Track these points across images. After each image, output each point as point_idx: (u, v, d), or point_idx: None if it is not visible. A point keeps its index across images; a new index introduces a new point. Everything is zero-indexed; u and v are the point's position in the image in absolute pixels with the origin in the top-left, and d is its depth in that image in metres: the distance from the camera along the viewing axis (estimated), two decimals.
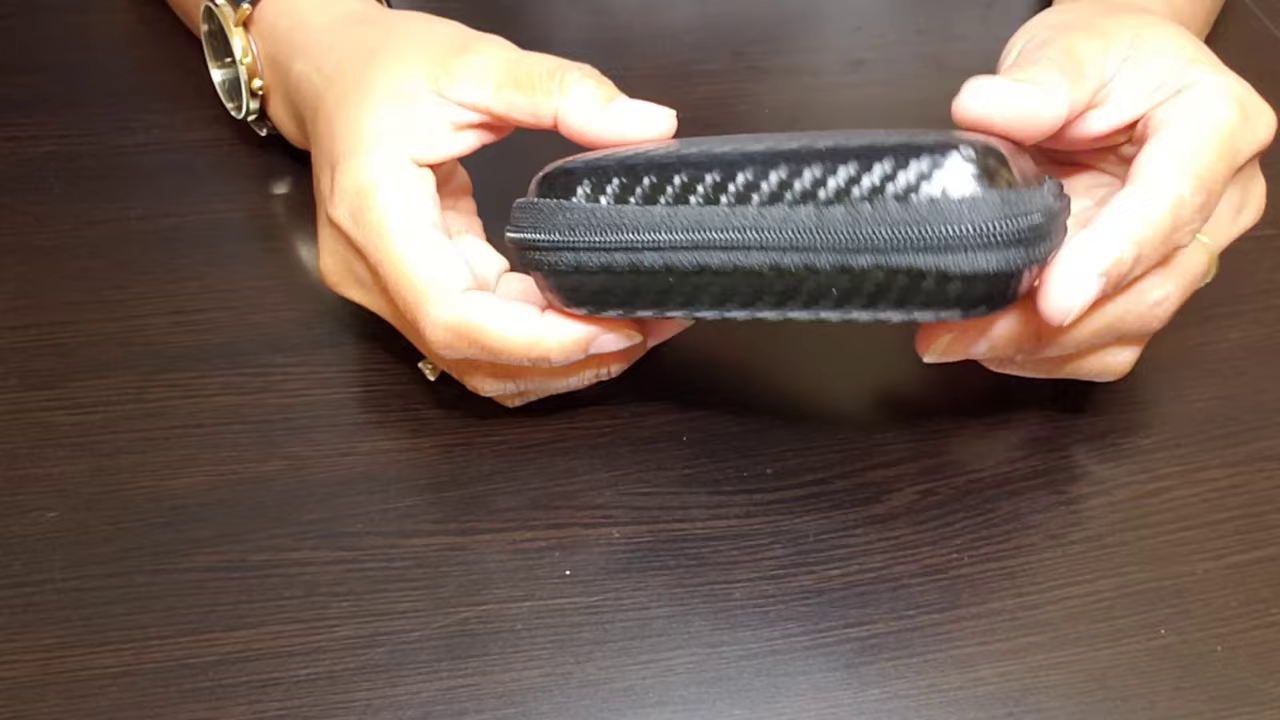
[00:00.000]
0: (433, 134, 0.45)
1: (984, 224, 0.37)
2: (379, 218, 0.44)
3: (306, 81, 0.50)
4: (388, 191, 0.44)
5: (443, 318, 0.43)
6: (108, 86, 0.61)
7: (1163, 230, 0.42)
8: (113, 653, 0.42)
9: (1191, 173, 0.42)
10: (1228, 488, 0.47)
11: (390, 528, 0.45)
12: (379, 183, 0.44)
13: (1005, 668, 0.43)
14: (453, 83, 0.45)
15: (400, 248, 0.43)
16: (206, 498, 0.46)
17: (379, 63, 0.47)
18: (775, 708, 0.42)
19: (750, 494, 0.47)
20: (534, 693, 0.42)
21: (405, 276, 0.43)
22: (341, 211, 0.45)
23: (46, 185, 0.56)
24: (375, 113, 0.45)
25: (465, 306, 0.43)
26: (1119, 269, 0.41)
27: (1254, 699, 0.42)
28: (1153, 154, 0.43)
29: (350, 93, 0.47)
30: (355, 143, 0.45)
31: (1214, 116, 0.43)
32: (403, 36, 0.48)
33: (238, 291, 0.52)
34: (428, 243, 0.44)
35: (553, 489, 0.47)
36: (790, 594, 0.44)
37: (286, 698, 0.41)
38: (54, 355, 0.50)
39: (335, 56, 0.49)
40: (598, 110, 0.44)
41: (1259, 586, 0.45)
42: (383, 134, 0.45)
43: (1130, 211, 0.42)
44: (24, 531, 0.45)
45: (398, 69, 0.46)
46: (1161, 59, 0.45)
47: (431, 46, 0.46)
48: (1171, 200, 0.42)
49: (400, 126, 0.45)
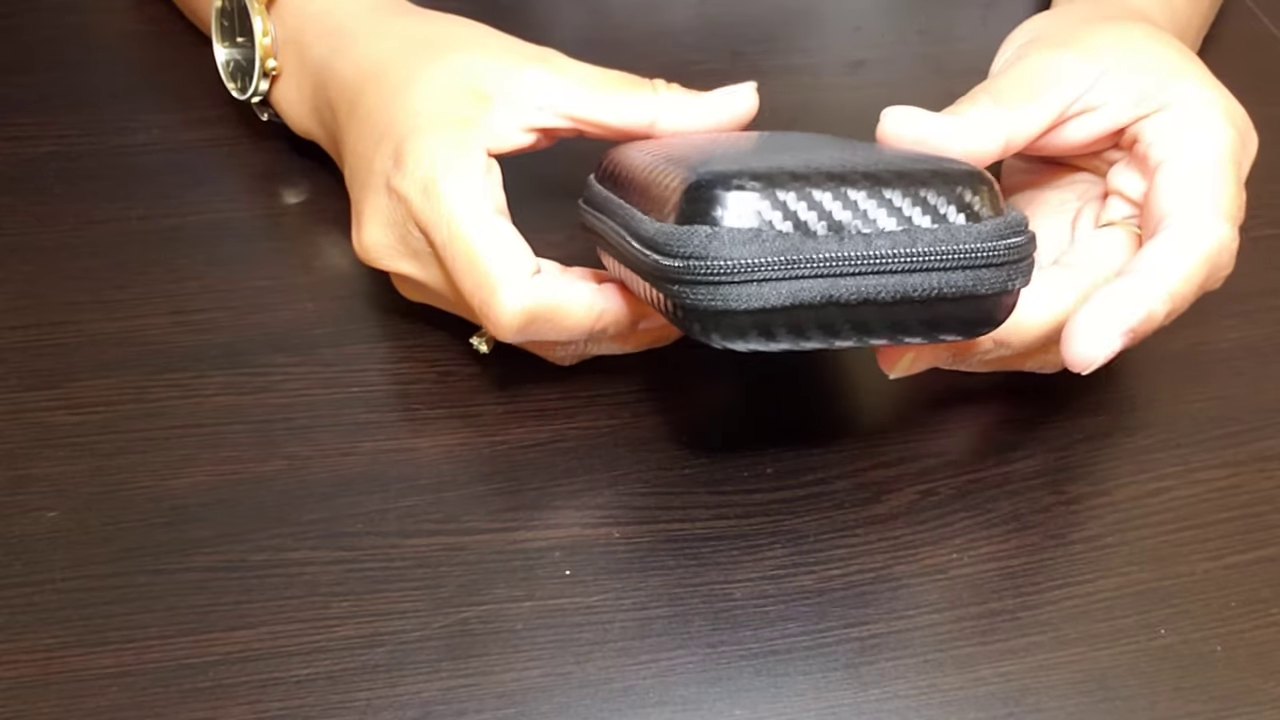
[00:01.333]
0: (505, 130, 0.46)
1: (995, 244, 0.38)
2: (455, 199, 0.44)
3: (341, 73, 0.50)
4: (463, 174, 0.45)
5: (517, 305, 0.44)
6: (109, 86, 0.61)
7: (1198, 281, 0.43)
8: (113, 653, 0.42)
9: (1224, 214, 0.43)
10: (1228, 488, 0.47)
11: (390, 528, 0.45)
12: (455, 164, 0.45)
13: (1005, 668, 0.43)
14: (538, 85, 0.46)
15: (472, 232, 0.44)
16: (207, 498, 0.46)
17: (443, 54, 0.47)
18: (775, 708, 0.42)
19: (750, 494, 0.47)
20: (534, 693, 0.42)
21: (477, 263, 0.44)
22: (409, 184, 0.45)
23: (47, 185, 0.56)
24: (448, 99, 0.46)
25: (534, 292, 0.44)
26: (1148, 325, 0.42)
27: (1254, 699, 0.42)
28: (1180, 195, 0.43)
29: (417, 77, 0.47)
30: (429, 121, 0.46)
31: (1222, 147, 0.44)
32: (462, 33, 0.49)
33: (238, 291, 0.52)
34: (498, 230, 0.44)
35: (553, 489, 0.47)
36: (790, 594, 0.44)
37: (287, 698, 0.41)
38: (54, 355, 0.50)
39: (379, 47, 0.49)
40: (692, 103, 0.47)
41: (1259, 586, 0.45)
42: (456, 120, 0.46)
43: (1166, 263, 0.43)
44: (24, 531, 0.45)
45: (470, 63, 0.47)
46: (1144, 70, 0.45)
47: (498, 48, 0.48)
48: (1212, 248, 0.43)
49: (477, 116, 0.46)
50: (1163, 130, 0.45)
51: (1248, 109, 0.48)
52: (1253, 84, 0.57)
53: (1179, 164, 0.44)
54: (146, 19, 0.65)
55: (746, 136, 0.46)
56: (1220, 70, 0.50)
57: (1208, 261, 0.43)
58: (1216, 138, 0.44)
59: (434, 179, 0.45)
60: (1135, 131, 0.45)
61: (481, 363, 0.50)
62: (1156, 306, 0.42)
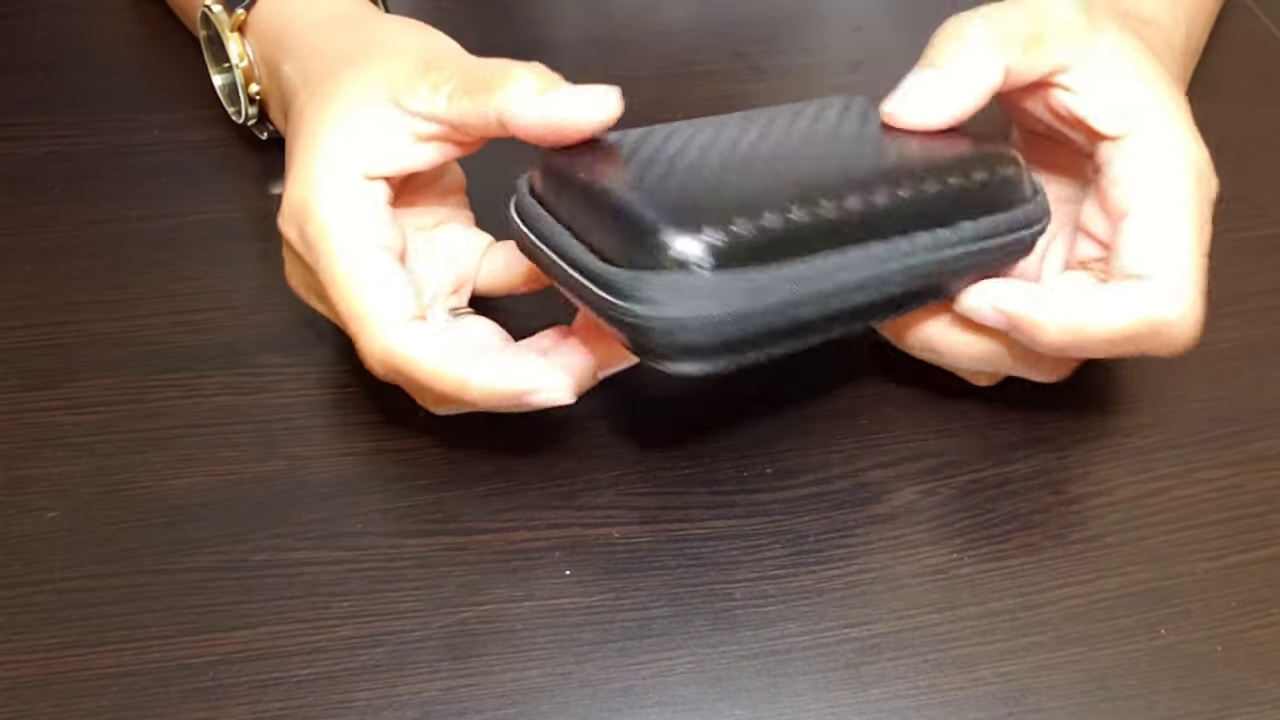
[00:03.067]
0: (390, 146, 0.44)
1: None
2: (323, 236, 0.43)
3: (288, 84, 0.50)
4: (330, 208, 0.43)
5: (377, 349, 0.42)
6: (108, 87, 0.61)
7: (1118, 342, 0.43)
8: (113, 653, 0.42)
9: (1182, 293, 0.43)
10: (1228, 487, 0.47)
11: (390, 528, 0.46)
12: (322, 199, 0.43)
13: (1005, 668, 0.43)
14: (412, 94, 0.44)
15: (343, 270, 0.43)
16: (206, 498, 0.46)
17: (350, 71, 0.46)
18: (775, 708, 0.42)
19: (750, 494, 0.47)
20: (534, 692, 0.42)
21: (346, 301, 0.43)
22: (288, 225, 0.44)
23: (47, 185, 0.56)
24: (331, 123, 0.44)
25: (399, 342, 0.42)
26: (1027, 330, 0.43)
27: (1254, 698, 0.42)
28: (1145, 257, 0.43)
29: (315, 101, 0.46)
30: (305, 154, 0.44)
31: (1186, 202, 0.43)
32: (380, 46, 0.47)
33: (238, 292, 0.52)
34: (370, 266, 0.43)
35: (553, 489, 0.47)
36: (790, 594, 0.44)
37: (287, 698, 0.41)
38: (54, 355, 0.50)
39: (316, 61, 0.48)
40: (535, 100, 0.42)
41: (1259, 586, 0.45)
42: (332, 146, 0.44)
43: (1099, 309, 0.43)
44: (24, 531, 0.45)
45: (364, 77, 0.45)
46: (1128, 82, 0.45)
47: (402, 57, 0.45)
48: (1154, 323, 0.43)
49: (353, 139, 0.44)
50: (1128, 169, 0.44)
51: (1248, 109, 0.48)
52: (1253, 84, 0.57)
53: (1145, 220, 0.43)
54: (146, 19, 0.65)
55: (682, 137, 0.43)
56: (1220, 70, 0.50)
57: (1142, 330, 0.43)
58: (1180, 192, 0.44)
59: (304, 219, 0.43)
60: (1103, 158, 0.45)
61: None
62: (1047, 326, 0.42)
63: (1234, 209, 0.54)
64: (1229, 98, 0.62)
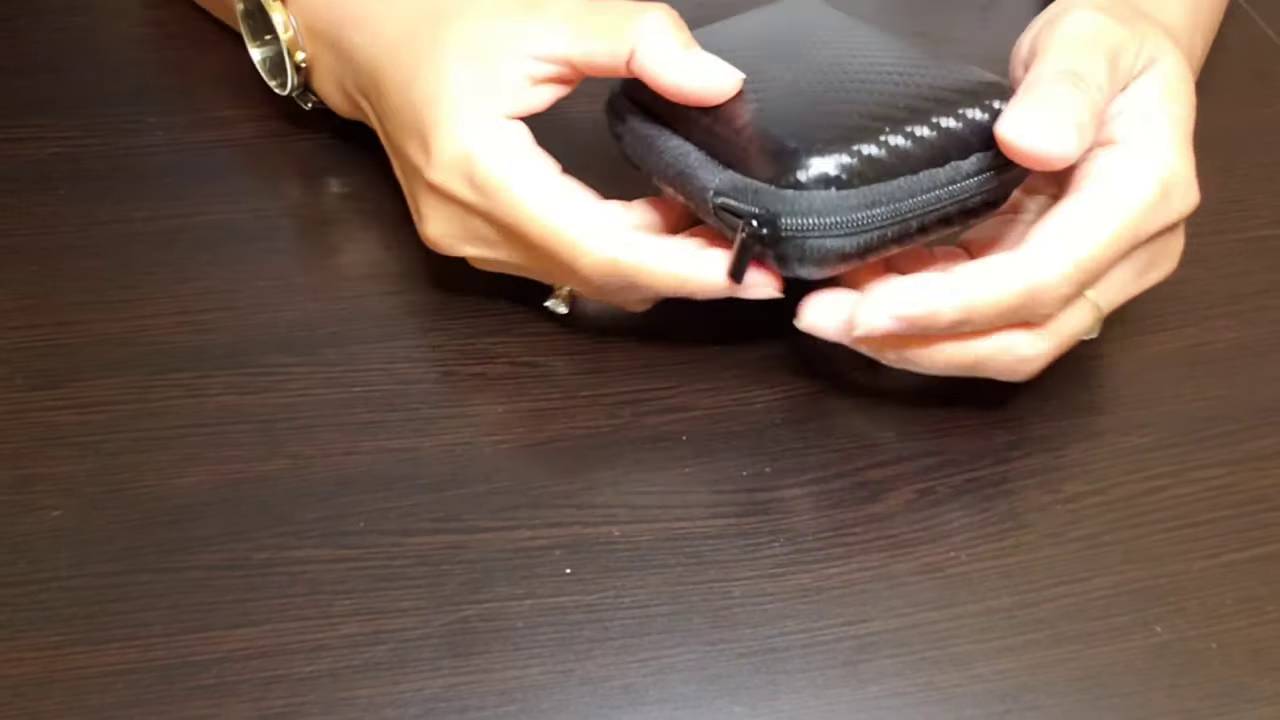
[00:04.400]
0: (517, 89, 0.46)
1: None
2: (503, 178, 0.45)
3: (361, 53, 0.50)
4: (499, 151, 0.45)
5: (601, 261, 0.45)
6: (113, 88, 0.61)
7: (1005, 309, 0.43)
8: (117, 650, 0.42)
9: (1073, 263, 0.43)
10: (1223, 486, 0.48)
11: (392, 526, 0.46)
12: (486, 145, 0.45)
13: (1002, 665, 0.43)
14: (528, 36, 0.46)
15: (540, 202, 0.45)
16: (210, 496, 0.46)
17: (447, 24, 0.47)
18: (774, 705, 0.42)
19: (750, 493, 0.47)
20: (535, 690, 0.42)
21: (552, 230, 0.45)
22: (448, 177, 0.46)
23: (52, 186, 0.57)
24: (456, 75, 0.46)
25: (624, 249, 0.45)
26: (931, 322, 0.43)
27: (1249, 695, 0.42)
28: (1047, 229, 0.43)
29: (424, 58, 0.47)
30: (445, 108, 0.46)
31: (1128, 201, 0.44)
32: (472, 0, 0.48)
33: (241, 292, 0.53)
34: (565, 193, 0.45)
35: (553, 489, 0.47)
36: (789, 592, 0.44)
37: (289, 695, 0.42)
38: (59, 355, 0.50)
39: (392, 25, 0.49)
40: (674, 57, 0.45)
41: (1254, 584, 0.45)
42: (470, 96, 0.46)
43: (983, 278, 0.43)
44: (29, 530, 0.45)
45: (470, 28, 0.47)
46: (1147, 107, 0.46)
47: (504, 4, 0.47)
48: (1027, 287, 0.43)
49: (485, 86, 0.46)
50: (1096, 173, 0.45)
51: (1242, 110, 0.48)
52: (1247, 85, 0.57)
53: (1073, 207, 0.44)
54: (150, 21, 0.66)
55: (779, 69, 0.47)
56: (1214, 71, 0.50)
57: (1023, 298, 0.43)
58: (1128, 197, 0.44)
59: (471, 169, 0.45)
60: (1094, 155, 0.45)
61: (482, 363, 0.50)
62: (945, 312, 0.43)
63: (1228, 210, 0.55)
64: (1223, 99, 0.62)
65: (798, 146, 0.43)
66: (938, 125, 0.44)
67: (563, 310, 0.50)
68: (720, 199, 0.44)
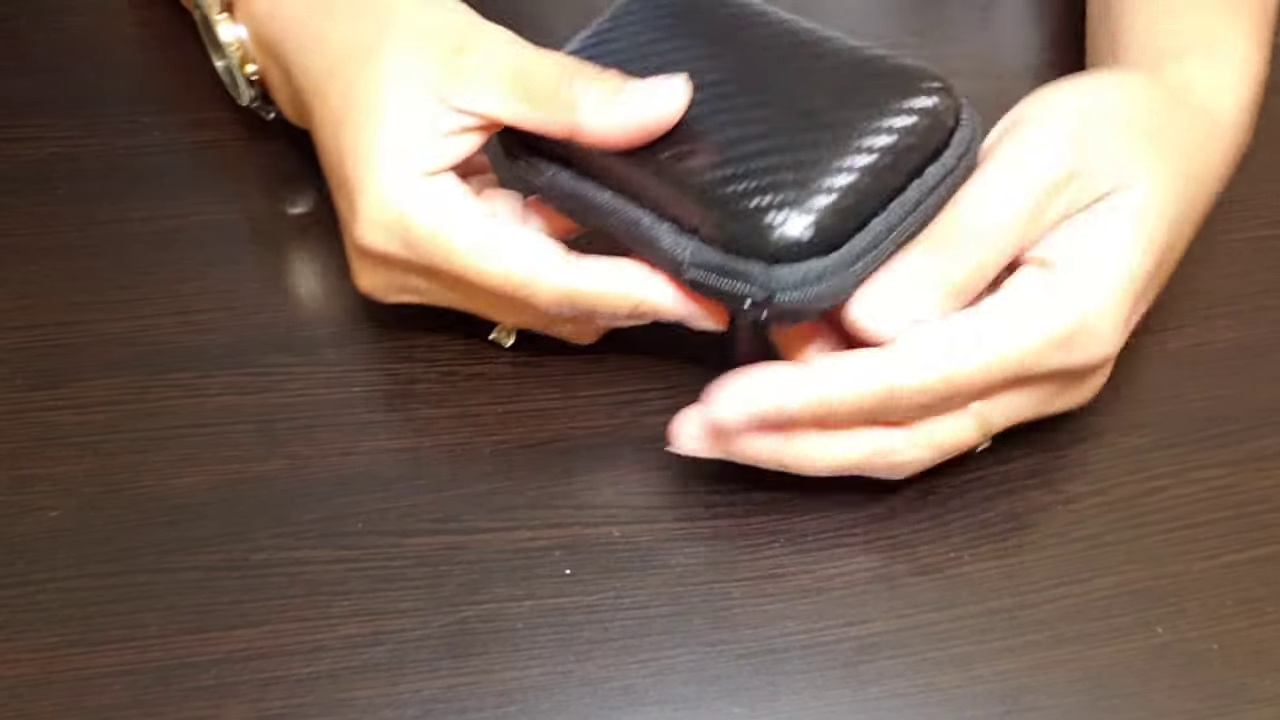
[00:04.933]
0: (442, 143, 0.45)
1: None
2: (440, 238, 0.44)
3: (299, 77, 0.49)
4: (430, 212, 0.44)
5: (555, 292, 0.44)
6: (111, 88, 0.61)
7: (862, 409, 0.42)
8: (115, 651, 0.42)
9: (939, 377, 0.41)
10: (1224, 487, 0.47)
11: (391, 527, 0.46)
12: (416, 204, 0.44)
13: (1003, 666, 0.43)
14: (457, 90, 0.44)
15: (482, 258, 0.44)
16: (208, 497, 0.46)
17: (376, 66, 0.45)
18: (774, 706, 0.42)
19: (749, 493, 0.47)
20: (534, 691, 0.42)
21: (501, 274, 0.44)
22: (379, 238, 0.45)
23: (50, 187, 0.57)
24: (384, 130, 0.44)
25: (570, 278, 0.44)
26: (776, 418, 0.42)
27: (1249, 696, 0.42)
28: (932, 334, 0.41)
29: (352, 104, 0.45)
30: (371, 168, 0.44)
31: (1025, 335, 0.42)
32: (398, 33, 0.46)
33: (240, 292, 0.53)
34: (503, 238, 0.44)
35: (553, 489, 0.47)
36: (789, 593, 0.44)
37: (288, 696, 0.42)
38: (57, 355, 0.50)
39: (324, 56, 0.48)
40: (610, 109, 0.43)
41: (1255, 585, 0.45)
42: (396, 154, 0.44)
43: (834, 376, 0.41)
44: (27, 530, 0.45)
45: (398, 74, 0.45)
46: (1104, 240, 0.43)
47: (430, 45, 0.45)
48: (880, 389, 0.41)
49: (410, 142, 0.44)
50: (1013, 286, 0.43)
51: None
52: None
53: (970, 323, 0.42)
54: (148, 22, 0.66)
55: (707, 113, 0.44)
56: None
57: (880, 398, 0.41)
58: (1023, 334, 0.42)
59: (406, 230, 0.44)
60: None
61: (482, 363, 0.50)
62: (794, 408, 0.41)
63: (1229, 210, 0.54)
64: None
65: (775, 219, 0.41)
66: (890, 149, 0.42)
67: (508, 343, 0.50)
68: (695, 272, 0.43)
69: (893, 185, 0.42)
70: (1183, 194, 0.45)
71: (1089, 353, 0.43)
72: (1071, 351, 0.42)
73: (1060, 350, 0.42)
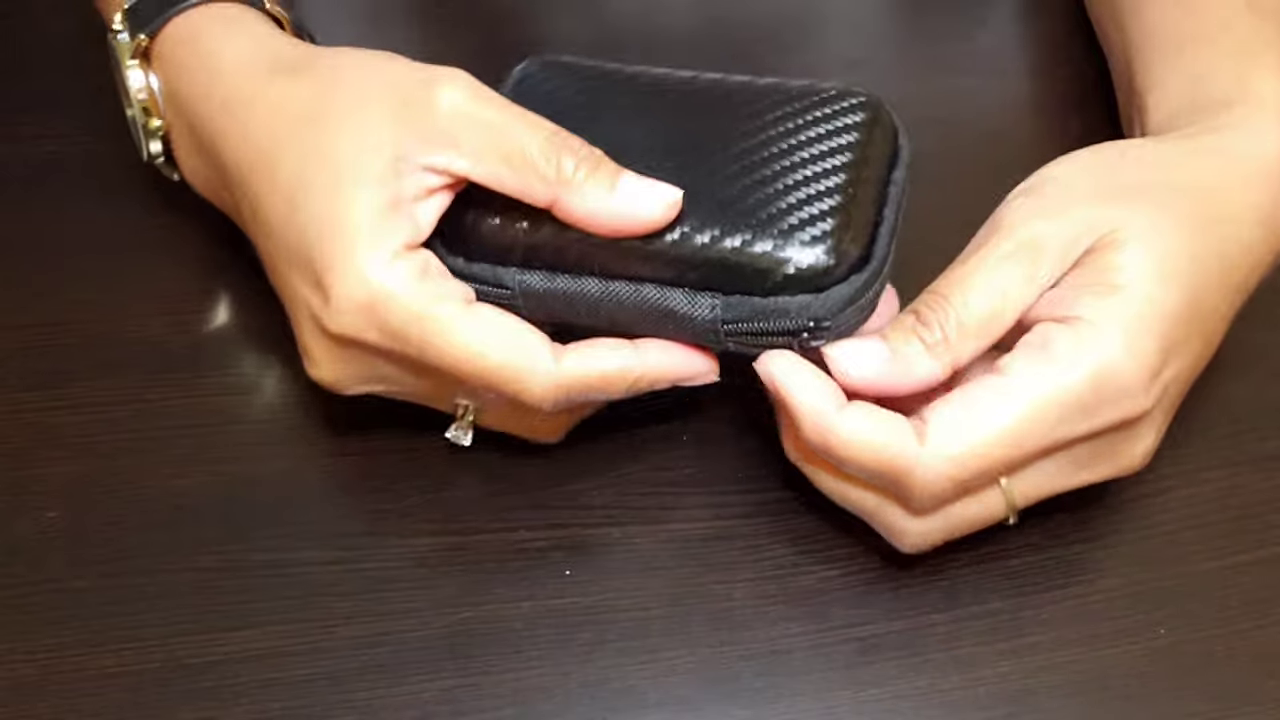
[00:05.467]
0: (415, 209, 0.41)
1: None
2: (420, 320, 0.40)
3: (229, 150, 0.45)
4: (410, 292, 0.40)
5: (551, 384, 0.41)
6: (109, 87, 0.61)
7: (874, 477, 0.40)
8: (113, 653, 0.42)
9: (946, 457, 0.39)
10: (1229, 488, 0.47)
11: (391, 528, 0.46)
12: (396, 288, 0.40)
13: (1006, 668, 0.43)
14: (424, 147, 0.41)
15: (467, 338, 0.40)
16: (207, 498, 0.46)
17: (331, 134, 0.42)
18: (775, 708, 0.42)
19: (750, 494, 0.47)
20: (534, 692, 0.42)
21: (488, 363, 0.41)
22: (353, 324, 0.41)
23: (48, 186, 0.56)
24: (355, 201, 0.41)
25: (568, 367, 0.41)
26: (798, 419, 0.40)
27: (1254, 699, 0.42)
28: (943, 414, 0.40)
29: (310, 174, 0.42)
30: (343, 243, 0.40)
31: (1037, 401, 0.39)
32: (347, 97, 0.43)
33: (238, 292, 0.52)
34: (489, 322, 0.41)
35: (553, 489, 0.47)
36: (791, 594, 0.44)
37: (287, 698, 0.41)
38: (55, 356, 0.50)
39: (262, 125, 0.44)
40: (603, 203, 0.40)
41: (1259, 587, 0.45)
42: (371, 230, 0.40)
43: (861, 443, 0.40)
44: (24, 532, 0.45)
45: (359, 142, 0.41)
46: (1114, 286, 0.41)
47: (387, 107, 0.42)
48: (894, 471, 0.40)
49: (385, 216, 0.41)
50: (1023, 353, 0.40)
51: None
52: None
53: (982, 394, 0.40)
54: None
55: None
56: None
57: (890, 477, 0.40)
58: (1045, 394, 0.39)
59: (385, 312, 0.40)
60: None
61: None
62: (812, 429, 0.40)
63: None
64: None
65: (797, 250, 0.40)
66: (855, 166, 0.42)
67: (466, 442, 0.45)
68: (729, 326, 0.41)
69: (879, 195, 0.42)
70: (1199, 234, 0.42)
71: (1119, 408, 0.40)
72: (1101, 407, 0.40)
73: (1089, 409, 0.40)
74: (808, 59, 0.64)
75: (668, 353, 0.42)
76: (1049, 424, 0.39)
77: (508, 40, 0.61)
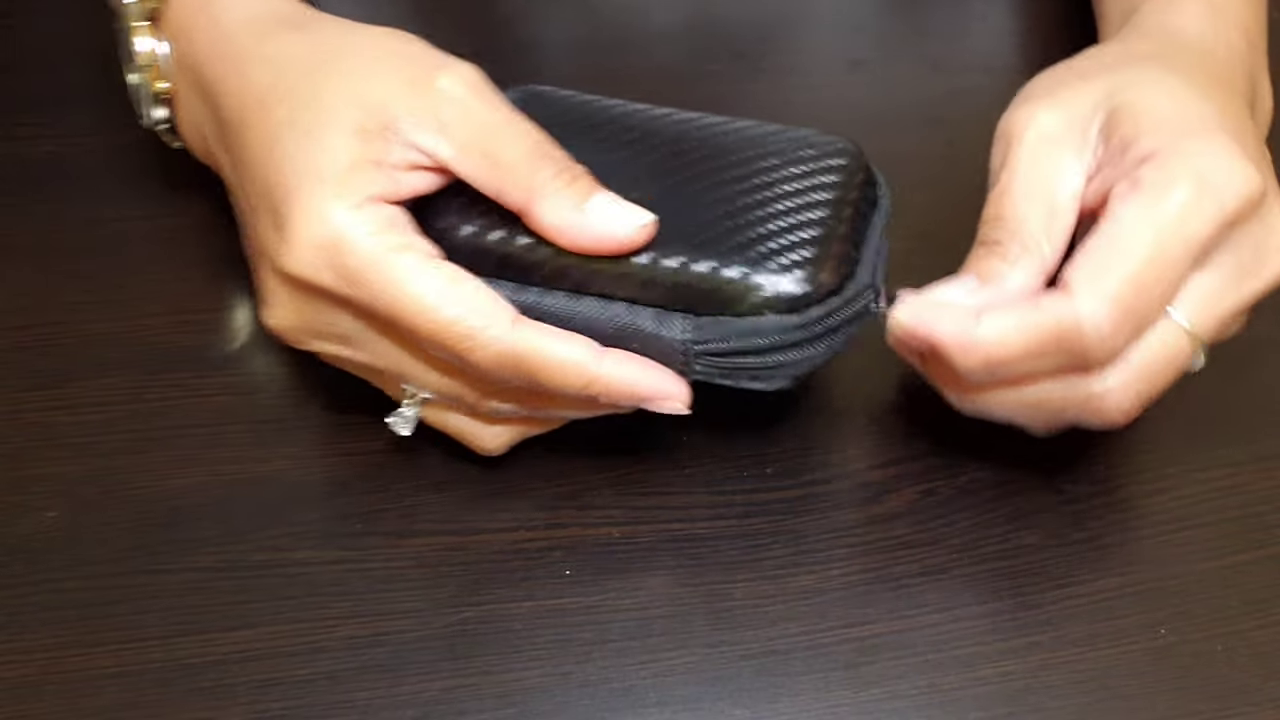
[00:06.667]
0: (394, 172, 0.41)
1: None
2: (378, 265, 0.39)
3: (228, 102, 0.44)
4: (372, 237, 0.39)
5: (497, 350, 0.40)
6: (108, 86, 0.61)
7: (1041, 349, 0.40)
8: (112, 653, 0.42)
9: (1102, 294, 0.39)
10: (1229, 487, 0.47)
11: (390, 528, 0.46)
12: (358, 228, 0.39)
13: (1005, 667, 0.43)
14: (415, 124, 0.41)
15: (422, 288, 0.39)
16: (206, 498, 0.46)
17: (326, 80, 0.42)
18: (775, 708, 0.42)
19: (750, 494, 0.47)
20: (534, 692, 0.42)
21: (440, 318, 0.39)
22: (308, 264, 0.40)
23: (47, 185, 0.56)
24: (330, 143, 0.40)
25: (519, 335, 0.40)
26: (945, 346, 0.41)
27: (1254, 698, 0.42)
28: (1075, 262, 0.40)
29: (296, 116, 0.41)
30: (309, 180, 0.40)
31: (1154, 212, 0.40)
32: (359, 50, 0.43)
33: (237, 291, 0.52)
34: (449, 277, 0.40)
35: (553, 489, 0.47)
36: (790, 594, 0.44)
37: (287, 698, 0.41)
38: (54, 355, 0.50)
39: (261, 75, 0.43)
40: (575, 216, 0.40)
41: (1259, 586, 0.45)
42: (344, 169, 0.40)
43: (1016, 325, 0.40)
44: (24, 532, 0.45)
45: (354, 90, 0.41)
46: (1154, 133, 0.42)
47: (393, 79, 0.41)
48: (1061, 324, 0.40)
49: (362, 168, 0.40)
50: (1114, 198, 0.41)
51: None
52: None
53: (1096, 238, 0.40)
54: None
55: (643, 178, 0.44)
56: None
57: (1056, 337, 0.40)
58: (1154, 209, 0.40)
59: (342, 253, 0.39)
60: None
61: None
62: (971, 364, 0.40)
63: None
64: None
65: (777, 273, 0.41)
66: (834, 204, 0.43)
67: (405, 431, 0.44)
68: (700, 347, 0.41)
69: (856, 226, 0.43)
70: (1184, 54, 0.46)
71: (1232, 191, 0.41)
72: (1217, 203, 0.40)
73: (1204, 202, 0.40)
74: (808, 59, 0.64)
75: (632, 364, 0.41)
76: (1178, 231, 0.40)
77: (503, 39, 0.61)
